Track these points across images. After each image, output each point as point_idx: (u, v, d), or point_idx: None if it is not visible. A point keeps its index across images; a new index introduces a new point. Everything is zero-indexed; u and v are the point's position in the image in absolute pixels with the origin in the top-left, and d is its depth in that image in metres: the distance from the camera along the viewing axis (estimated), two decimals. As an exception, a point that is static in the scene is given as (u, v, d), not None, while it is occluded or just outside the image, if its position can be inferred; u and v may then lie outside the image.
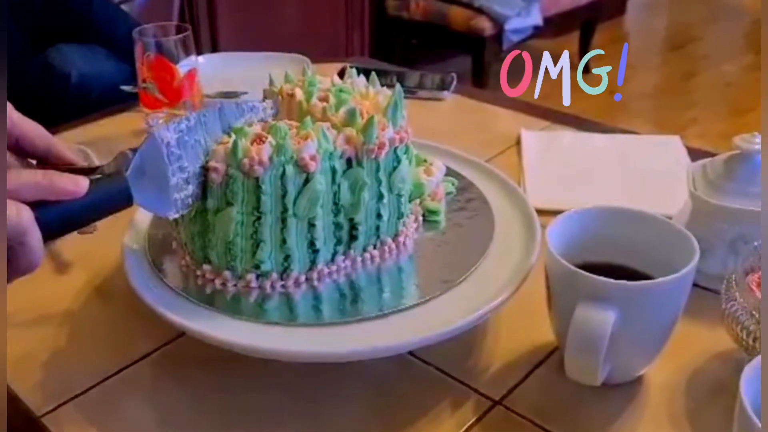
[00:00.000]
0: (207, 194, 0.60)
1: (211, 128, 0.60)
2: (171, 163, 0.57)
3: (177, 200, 0.58)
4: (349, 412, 0.60)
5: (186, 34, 1.02)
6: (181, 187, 0.58)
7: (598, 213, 0.63)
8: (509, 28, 3.11)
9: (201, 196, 0.60)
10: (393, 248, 0.66)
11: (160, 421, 0.60)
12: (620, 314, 0.54)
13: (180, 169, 0.58)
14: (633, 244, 0.62)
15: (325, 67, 1.18)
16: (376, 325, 0.58)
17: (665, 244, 0.60)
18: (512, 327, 0.67)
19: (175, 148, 0.57)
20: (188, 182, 0.59)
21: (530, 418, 0.58)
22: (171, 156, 0.57)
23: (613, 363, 0.57)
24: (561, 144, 1.03)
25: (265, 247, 0.60)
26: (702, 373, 0.62)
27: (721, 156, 0.73)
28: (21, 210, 0.47)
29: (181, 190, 0.58)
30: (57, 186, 0.50)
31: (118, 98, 1.17)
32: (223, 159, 0.58)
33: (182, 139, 0.58)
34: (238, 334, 0.58)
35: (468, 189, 0.76)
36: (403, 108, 0.65)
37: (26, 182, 0.49)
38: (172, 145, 0.57)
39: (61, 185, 0.50)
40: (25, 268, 0.49)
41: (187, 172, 0.58)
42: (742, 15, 4.31)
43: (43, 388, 0.62)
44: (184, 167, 0.58)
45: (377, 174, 0.62)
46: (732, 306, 0.59)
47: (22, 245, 0.48)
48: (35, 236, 0.48)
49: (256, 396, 0.61)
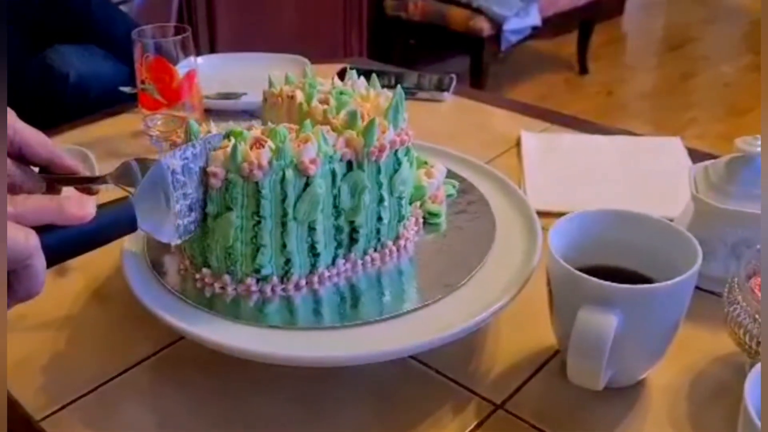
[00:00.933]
0: (206, 199, 0.59)
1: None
2: (175, 190, 0.57)
3: (180, 226, 0.58)
4: (350, 416, 0.59)
5: (185, 35, 1.02)
6: (184, 214, 0.58)
7: (600, 215, 0.63)
8: (508, 29, 3.11)
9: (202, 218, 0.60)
10: (393, 251, 0.66)
11: (159, 424, 0.60)
12: (623, 318, 0.54)
13: (184, 196, 0.58)
14: (635, 246, 0.62)
15: (324, 68, 1.18)
16: (377, 329, 0.58)
17: (668, 247, 0.60)
18: (513, 330, 0.67)
19: (180, 175, 0.57)
20: (191, 209, 0.59)
21: (532, 423, 0.58)
22: (176, 183, 0.57)
23: (615, 367, 0.57)
24: (561, 145, 1.03)
25: (265, 252, 0.59)
26: (704, 376, 0.62)
27: (722, 158, 0.72)
28: (29, 235, 0.47)
29: (184, 217, 0.58)
30: (65, 212, 0.50)
31: (116, 99, 1.17)
32: (222, 163, 0.58)
33: (187, 166, 0.58)
34: (237, 337, 0.57)
35: (469, 191, 0.76)
36: (404, 110, 0.65)
37: (34, 207, 0.49)
38: (177, 172, 0.57)
39: (70, 211, 0.50)
40: (26, 293, 0.49)
41: (190, 199, 0.58)
42: (741, 16, 4.32)
43: (42, 391, 0.62)
44: (188, 194, 0.58)
45: (378, 177, 0.62)
46: (734, 309, 0.59)
47: (26, 269, 0.47)
48: (40, 261, 0.48)
49: (255, 400, 0.61)
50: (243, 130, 0.60)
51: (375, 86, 0.71)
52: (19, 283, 0.48)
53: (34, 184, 0.66)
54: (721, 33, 4.19)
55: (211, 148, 0.59)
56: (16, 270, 0.47)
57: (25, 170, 0.65)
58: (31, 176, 0.66)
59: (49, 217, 0.49)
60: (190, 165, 0.58)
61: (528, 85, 3.51)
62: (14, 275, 0.48)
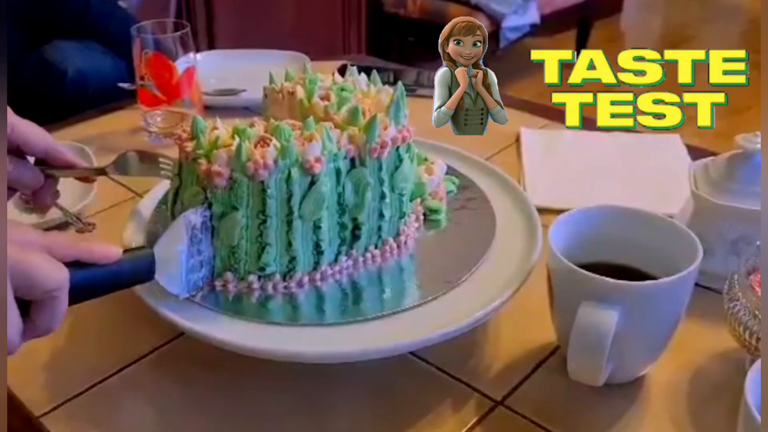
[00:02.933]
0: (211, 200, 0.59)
1: None
2: (193, 245, 0.58)
3: (190, 281, 0.59)
4: (351, 412, 0.59)
5: (184, 32, 1.02)
6: (195, 269, 0.59)
7: (600, 212, 0.63)
8: (506, 26, 3.11)
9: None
10: (394, 248, 0.66)
11: (159, 421, 0.60)
12: (623, 314, 0.54)
13: (198, 252, 0.58)
14: (635, 243, 0.62)
15: (323, 65, 1.18)
16: (378, 326, 0.58)
17: (668, 243, 0.60)
18: (514, 327, 0.67)
19: (198, 231, 0.58)
20: (202, 265, 0.59)
21: (532, 419, 0.58)
22: (194, 239, 0.58)
23: (615, 363, 0.57)
24: (561, 142, 1.03)
25: (270, 250, 0.59)
26: (704, 372, 0.62)
27: (723, 155, 0.72)
28: (61, 268, 0.48)
29: (194, 272, 0.59)
30: (94, 250, 0.51)
31: (114, 95, 1.17)
32: (226, 163, 0.57)
33: (206, 224, 0.58)
34: (238, 334, 0.57)
35: (469, 188, 0.76)
36: (405, 106, 0.65)
37: (65, 242, 0.50)
38: (197, 228, 0.58)
39: (99, 250, 0.51)
40: (45, 327, 0.49)
41: (203, 255, 0.59)
42: (738, 14, 4.32)
43: (42, 388, 0.62)
44: (202, 251, 0.59)
45: (379, 173, 0.62)
46: (734, 306, 0.59)
47: (52, 300, 0.48)
48: (65, 295, 0.48)
49: (255, 396, 0.61)
50: (246, 128, 0.59)
51: (376, 82, 0.71)
52: (40, 315, 0.48)
53: (32, 177, 0.66)
54: (719, 31, 4.19)
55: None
56: (43, 300, 0.47)
57: (21, 163, 0.65)
58: (29, 169, 0.65)
59: (78, 254, 0.50)
60: (208, 223, 0.59)
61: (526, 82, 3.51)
62: (36, 306, 0.48)
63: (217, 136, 0.59)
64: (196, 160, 0.59)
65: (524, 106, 1.16)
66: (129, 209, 0.73)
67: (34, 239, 0.48)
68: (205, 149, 0.59)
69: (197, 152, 0.59)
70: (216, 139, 0.59)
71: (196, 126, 0.60)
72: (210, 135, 0.60)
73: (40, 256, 0.47)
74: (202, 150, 0.59)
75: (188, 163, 0.60)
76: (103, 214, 0.87)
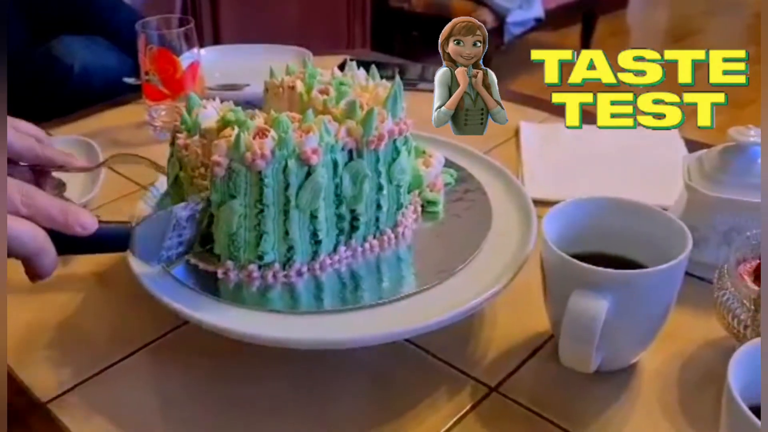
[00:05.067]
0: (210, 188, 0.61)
1: None
2: (173, 230, 0.60)
3: (163, 256, 0.61)
4: (348, 399, 0.61)
5: (189, 27, 1.03)
6: (171, 247, 0.61)
7: (593, 203, 0.64)
8: (511, 21, 3.12)
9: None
10: (392, 238, 0.67)
11: (162, 407, 0.61)
12: (614, 303, 0.55)
13: (178, 236, 0.61)
14: (628, 234, 0.63)
15: (327, 60, 1.19)
16: (376, 313, 0.60)
17: (659, 234, 0.61)
18: (508, 316, 0.68)
19: (183, 222, 0.60)
20: (181, 244, 0.62)
21: (525, 405, 0.60)
22: (177, 227, 0.60)
23: (606, 351, 0.58)
24: (559, 135, 1.04)
25: (268, 239, 0.61)
26: (694, 360, 0.64)
27: (716, 147, 0.73)
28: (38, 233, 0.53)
29: (170, 249, 0.61)
30: (69, 224, 0.55)
31: (120, 90, 1.18)
32: (225, 153, 0.59)
33: (194, 216, 0.61)
34: (239, 322, 0.59)
35: (466, 180, 0.77)
36: (402, 100, 0.66)
37: (42, 208, 0.54)
38: (182, 220, 0.60)
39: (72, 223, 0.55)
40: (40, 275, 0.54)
41: (184, 237, 0.62)
42: (743, 8, 4.31)
43: (48, 375, 0.64)
44: (183, 234, 0.61)
45: (377, 165, 0.63)
46: (724, 295, 0.60)
47: (36, 256, 0.53)
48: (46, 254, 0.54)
49: (255, 383, 0.62)
50: (247, 119, 0.61)
51: (374, 77, 0.72)
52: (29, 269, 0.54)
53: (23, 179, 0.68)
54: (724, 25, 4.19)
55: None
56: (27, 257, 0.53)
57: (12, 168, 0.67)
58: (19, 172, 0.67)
59: (55, 225, 0.54)
60: (197, 215, 0.61)
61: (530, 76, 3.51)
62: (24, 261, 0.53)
63: (196, 114, 0.65)
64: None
65: (525, 101, 1.17)
66: (134, 202, 0.75)
67: (15, 199, 0.52)
68: (188, 125, 0.64)
69: (181, 126, 0.64)
70: (196, 117, 0.64)
71: (191, 103, 0.65)
72: (194, 112, 0.65)
73: (18, 222, 0.51)
74: (186, 125, 0.64)
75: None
76: (108, 206, 0.88)
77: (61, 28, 1.38)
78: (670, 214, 0.63)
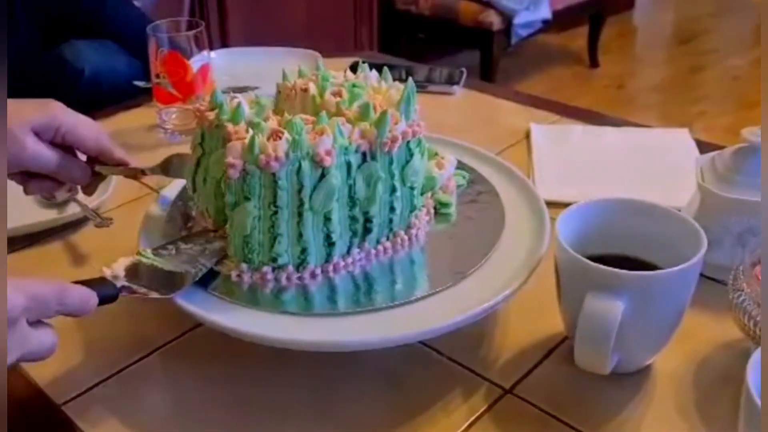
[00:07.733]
0: (225, 190, 0.61)
1: None
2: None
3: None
4: (362, 401, 0.61)
5: (199, 30, 1.04)
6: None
7: (607, 204, 0.64)
8: (518, 23, 3.11)
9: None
10: (405, 240, 0.67)
11: (176, 409, 0.62)
12: (629, 304, 0.55)
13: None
14: (642, 235, 0.63)
15: (335, 62, 1.19)
16: (389, 316, 0.60)
17: (674, 235, 0.61)
18: (522, 317, 0.68)
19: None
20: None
21: (540, 407, 0.59)
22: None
23: (621, 352, 0.58)
24: (570, 137, 1.04)
25: (282, 241, 0.61)
26: (709, 362, 0.63)
27: (729, 148, 0.73)
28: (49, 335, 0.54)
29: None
30: (69, 308, 0.55)
31: (130, 93, 1.19)
32: (240, 155, 0.59)
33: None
34: (253, 324, 0.59)
35: (479, 182, 0.77)
36: (415, 102, 0.66)
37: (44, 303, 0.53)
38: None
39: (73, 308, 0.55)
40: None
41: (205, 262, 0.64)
42: (750, 9, 4.30)
43: (63, 377, 0.64)
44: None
45: (390, 167, 0.63)
46: (739, 296, 0.60)
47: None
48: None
49: (269, 385, 0.62)
50: (260, 122, 0.61)
51: (387, 79, 0.72)
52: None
53: (81, 174, 0.71)
54: (731, 26, 4.18)
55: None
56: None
57: (70, 160, 0.69)
58: (78, 166, 0.70)
59: (59, 312, 0.54)
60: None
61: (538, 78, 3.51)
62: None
63: (239, 103, 0.64)
64: (219, 127, 0.63)
65: (534, 102, 1.17)
66: (146, 204, 0.75)
67: (18, 313, 0.50)
68: (229, 115, 0.64)
69: (221, 118, 0.64)
70: (238, 105, 0.64)
71: (216, 97, 0.65)
72: (231, 104, 0.65)
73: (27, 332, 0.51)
74: (227, 116, 0.64)
75: (211, 130, 0.64)
76: (121, 209, 0.89)
77: (72, 32, 1.39)
78: (684, 214, 0.63)
